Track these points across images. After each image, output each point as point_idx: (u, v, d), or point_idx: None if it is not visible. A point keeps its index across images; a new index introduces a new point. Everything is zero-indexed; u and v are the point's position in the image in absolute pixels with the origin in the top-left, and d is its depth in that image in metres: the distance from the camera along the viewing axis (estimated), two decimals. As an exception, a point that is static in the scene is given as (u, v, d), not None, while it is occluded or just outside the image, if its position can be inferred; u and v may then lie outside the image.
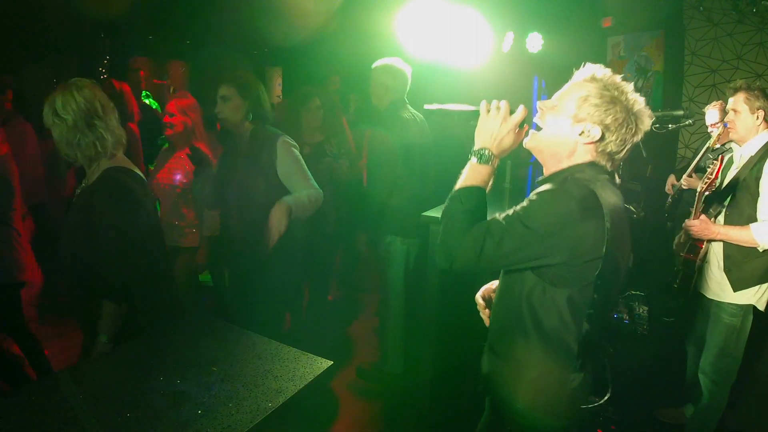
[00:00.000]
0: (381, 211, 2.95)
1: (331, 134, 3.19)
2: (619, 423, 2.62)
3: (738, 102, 2.25)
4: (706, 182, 2.26)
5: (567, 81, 1.35)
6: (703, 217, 2.24)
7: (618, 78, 1.30)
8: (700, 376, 2.39)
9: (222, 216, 2.64)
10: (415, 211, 2.66)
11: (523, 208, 1.22)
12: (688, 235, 2.31)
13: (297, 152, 2.38)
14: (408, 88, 2.97)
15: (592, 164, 1.30)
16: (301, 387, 1.27)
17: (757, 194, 2.13)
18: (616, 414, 2.63)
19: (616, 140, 1.28)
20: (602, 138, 1.27)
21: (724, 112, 3.17)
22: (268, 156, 2.31)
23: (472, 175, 1.31)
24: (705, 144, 3.27)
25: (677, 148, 4.76)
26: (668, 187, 3.59)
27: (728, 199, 2.25)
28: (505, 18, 4.57)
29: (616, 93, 1.27)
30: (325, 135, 3.18)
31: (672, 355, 3.06)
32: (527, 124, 1.34)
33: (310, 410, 1.34)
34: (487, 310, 1.57)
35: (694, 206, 2.33)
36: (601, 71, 1.30)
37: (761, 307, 2.22)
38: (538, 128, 1.36)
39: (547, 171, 1.37)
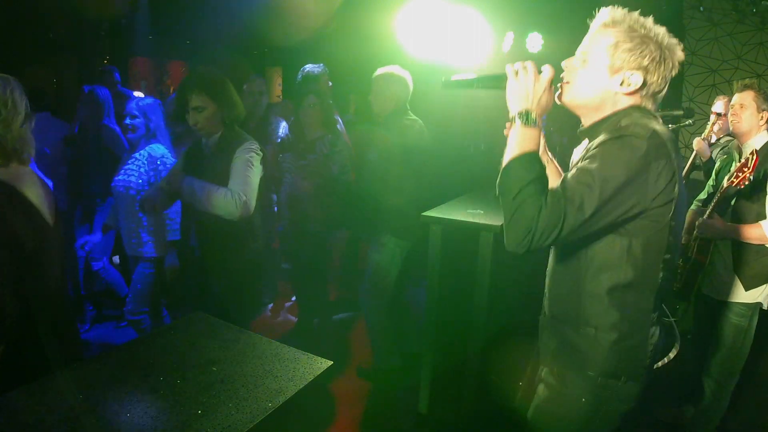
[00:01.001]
0: (376, 211, 2.96)
1: (329, 132, 3.19)
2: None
3: (746, 98, 2.27)
4: (738, 176, 2.10)
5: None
6: (716, 216, 2.23)
7: (636, 14, 1.24)
8: (704, 377, 2.37)
9: (183, 221, 2.54)
10: (413, 212, 2.67)
11: (594, 163, 1.13)
12: (697, 234, 2.29)
13: (253, 158, 2.25)
14: (410, 96, 2.99)
15: (634, 107, 1.24)
16: (301, 387, 1.27)
17: (765, 193, 2.15)
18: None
19: (657, 80, 1.22)
20: (644, 83, 1.21)
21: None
22: (229, 160, 2.22)
23: (522, 140, 1.18)
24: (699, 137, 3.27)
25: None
26: None
27: (734, 197, 2.25)
28: (505, 18, 4.58)
29: (643, 31, 1.20)
30: (324, 132, 3.18)
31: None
32: (555, 83, 1.28)
33: (310, 410, 1.34)
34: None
35: (713, 202, 2.27)
36: (619, 12, 1.24)
37: (766, 305, 2.22)
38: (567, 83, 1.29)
39: (588, 122, 1.31)
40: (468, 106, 4.41)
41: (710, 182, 2.57)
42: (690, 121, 2.79)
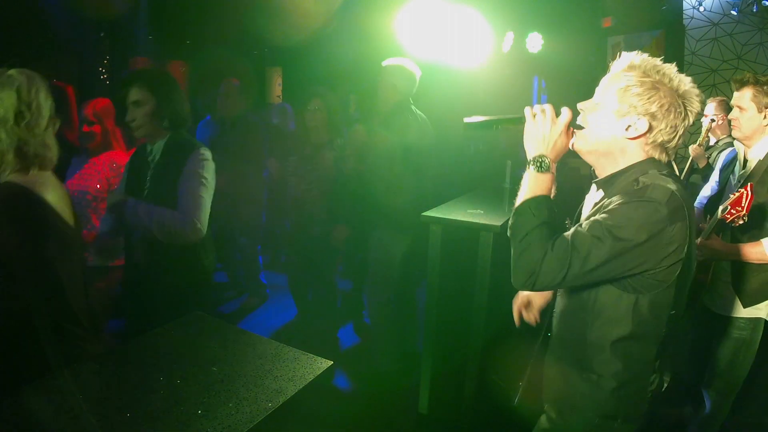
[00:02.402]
0: (377, 209, 2.97)
1: (335, 135, 3.19)
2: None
3: (744, 98, 2.05)
4: (733, 213, 1.88)
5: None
6: (715, 237, 2.07)
7: (658, 61, 1.22)
8: (706, 388, 2.33)
9: (126, 238, 2.27)
10: (413, 209, 2.67)
11: (610, 218, 1.14)
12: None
13: (205, 171, 2.06)
14: (415, 90, 2.99)
15: (650, 161, 1.24)
16: (301, 387, 1.27)
17: (765, 211, 2.00)
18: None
19: (665, 128, 1.20)
20: (650, 129, 1.20)
21: (726, 106, 3.12)
22: (177, 170, 2.03)
23: (535, 185, 1.23)
24: (695, 142, 3.25)
25: (677, 148, 4.76)
26: None
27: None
28: (505, 18, 4.58)
29: (657, 77, 1.19)
30: (330, 136, 3.17)
31: (672, 356, 3.05)
32: (572, 126, 1.29)
33: (310, 410, 1.34)
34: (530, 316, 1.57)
35: (707, 228, 2.11)
36: (638, 57, 1.23)
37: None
38: (580, 128, 1.30)
39: (602, 172, 1.31)
40: (468, 106, 4.41)
41: (714, 177, 2.52)
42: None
